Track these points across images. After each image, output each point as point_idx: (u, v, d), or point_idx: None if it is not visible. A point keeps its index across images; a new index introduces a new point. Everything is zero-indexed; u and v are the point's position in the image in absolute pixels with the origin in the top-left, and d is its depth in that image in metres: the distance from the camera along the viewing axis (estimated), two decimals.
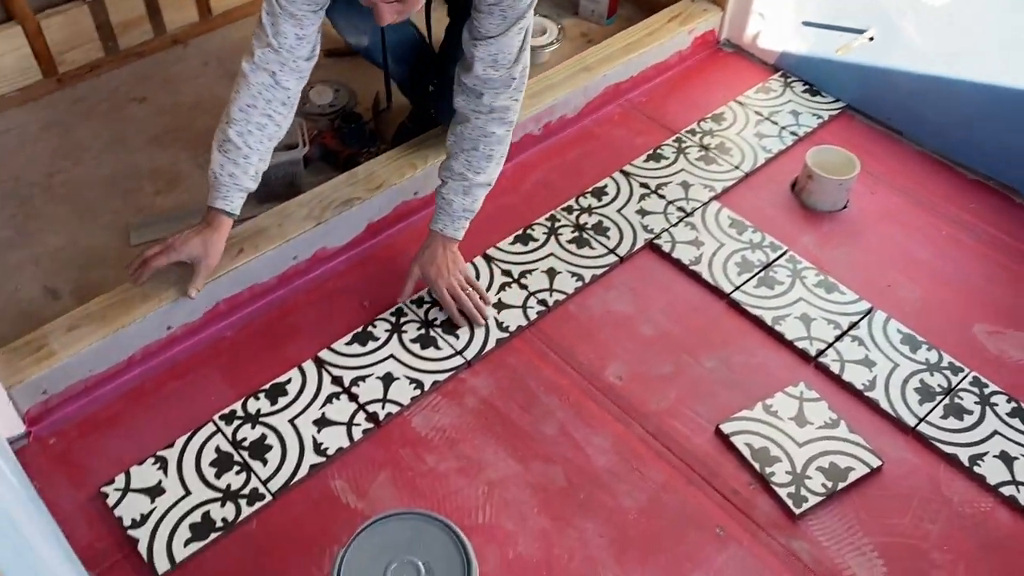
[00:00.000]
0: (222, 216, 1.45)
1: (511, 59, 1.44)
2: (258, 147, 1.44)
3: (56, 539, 1.13)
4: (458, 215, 1.55)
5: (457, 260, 1.59)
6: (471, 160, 1.51)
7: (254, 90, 1.41)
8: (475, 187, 1.53)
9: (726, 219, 1.78)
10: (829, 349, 1.56)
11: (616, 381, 1.52)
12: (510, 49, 1.43)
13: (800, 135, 1.98)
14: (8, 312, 1.57)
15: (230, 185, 1.44)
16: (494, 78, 1.45)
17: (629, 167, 1.89)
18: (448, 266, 1.57)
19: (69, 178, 1.81)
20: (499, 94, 1.46)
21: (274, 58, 1.40)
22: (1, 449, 1.24)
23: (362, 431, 1.42)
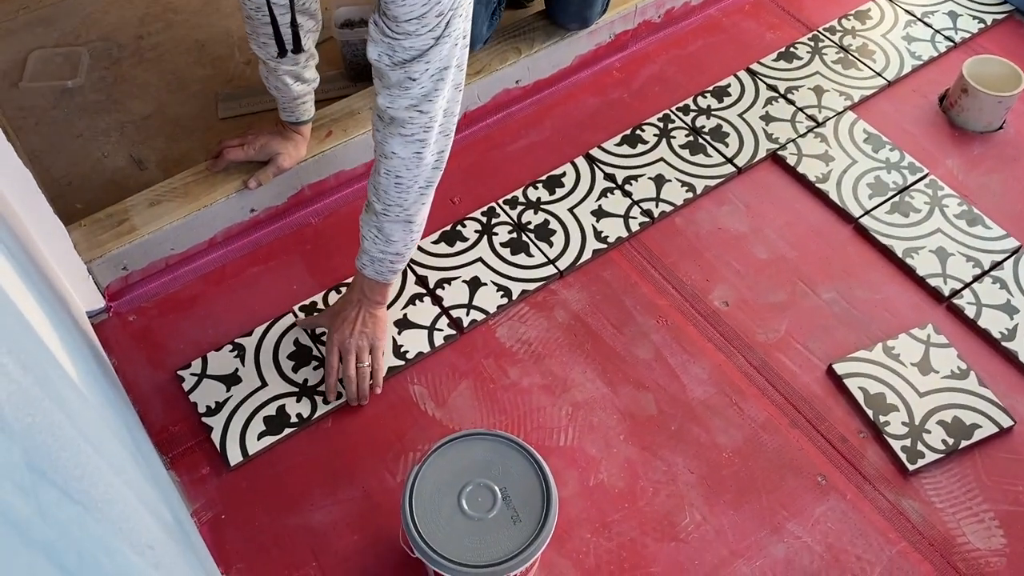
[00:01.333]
0: (293, 126, 1.38)
1: (410, 52, 1.01)
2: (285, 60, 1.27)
3: (124, 417, 1.10)
4: (377, 257, 1.21)
5: (375, 323, 1.26)
6: (377, 186, 1.16)
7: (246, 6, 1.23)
8: (387, 224, 1.18)
9: (861, 133, 1.59)
10: (965, 290, 1.39)
11: (721, 306, 1.39)
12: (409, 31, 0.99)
13: (956, 41, 1.74)
14: (94, 180, 1.52)
15: (283, 99, 1.35)
16: (384, 70, 1.04)
17: (756, 66, 1.70)
18: (356, 325, 1.25)
19: (158, 42, 1.73)
20: (392, 96, 1.06)
21: None
22: (78, 322, 1.21)
23: (444, 337, 1.34)
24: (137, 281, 1.38)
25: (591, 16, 1.60)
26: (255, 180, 1.39)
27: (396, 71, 1.03)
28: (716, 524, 1.18)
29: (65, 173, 1.53)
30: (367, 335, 1.26)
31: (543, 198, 1.51)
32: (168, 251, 1.38)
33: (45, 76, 1.65)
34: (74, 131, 1.59)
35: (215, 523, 1.18)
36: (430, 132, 1.10)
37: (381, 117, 1.11)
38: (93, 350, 1.20)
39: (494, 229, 1.47)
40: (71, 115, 1.61)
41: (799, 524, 1.18)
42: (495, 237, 1.46)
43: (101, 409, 0.87)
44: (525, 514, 1.01)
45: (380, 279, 1.24)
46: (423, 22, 0.99)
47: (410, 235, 1.20)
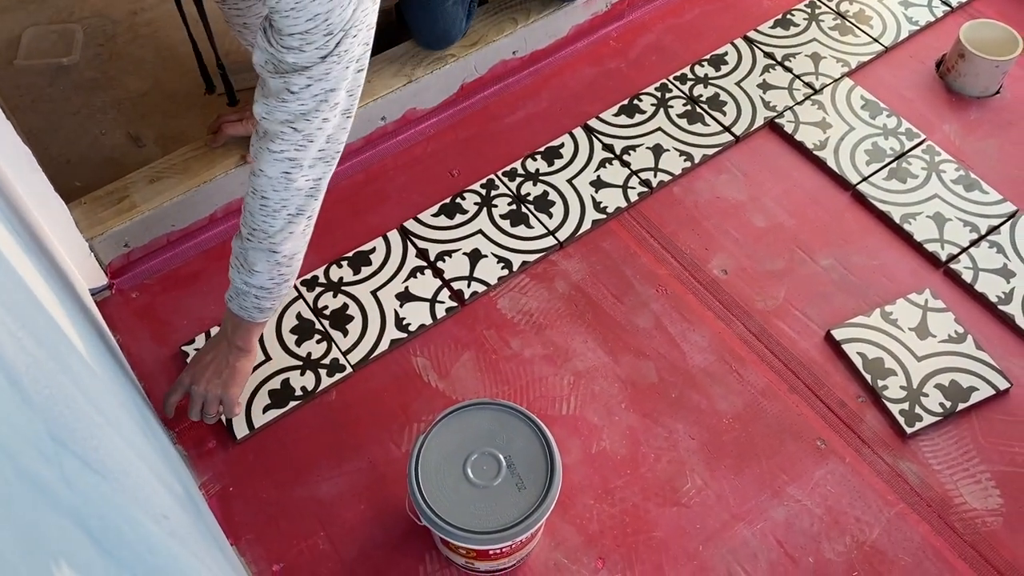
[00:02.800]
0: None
1: (292, 66, 0.94)
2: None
3: (131, 392, 1.12)
4: (241, 289, 1.11)
5: (231, 374, 1.17)
6: (245, 206, 1.07)
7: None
8: (251, 251, 1.08)
9: (859, 99, 1.59)
10: (962, 255, 1.40)
11: (720, 275, 1.40)
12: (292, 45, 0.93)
13: (953, 6, 1.73)
14: (92, 158, 1.52)
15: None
16: (265, 77, 0.98)
17: (753, 33, 1.70)
18: (209, 371, 1.17)
19: (153, 17, 1.73)
20: (269, 107, 0.98)
21: None
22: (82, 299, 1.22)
23: (445, 309, 1.35)
24: (139, 258, 1.39)
25: None
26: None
27: (276, 79, 0.96)
28: (717, 489, 1.20)
29: (63, 151, 1.53)
30: (219, 384, 1.17)
31: (542, 169, 1.51)
32: (169, 227, 1.38)
33: (40, 54, 1.65)
34: (71, 109, 1.58)
35: (223, 495, 1.19)
36: (304, 152, 1.01)
37: (257, 130, 1.03)
38: (98, 327, 1.21)
39: (493, 201, 1.47)
40: (67, 93, 1.61)
41: (799, 487, 1.20)
42: (495, 209, 1.46)
43: (109, 383, 0.88)
44: (530, 481, 1.02)
45: (244, 316, 1.13)
46: (308, 39, 0.92)
47: (276, 268, 1.09)
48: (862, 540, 1.16)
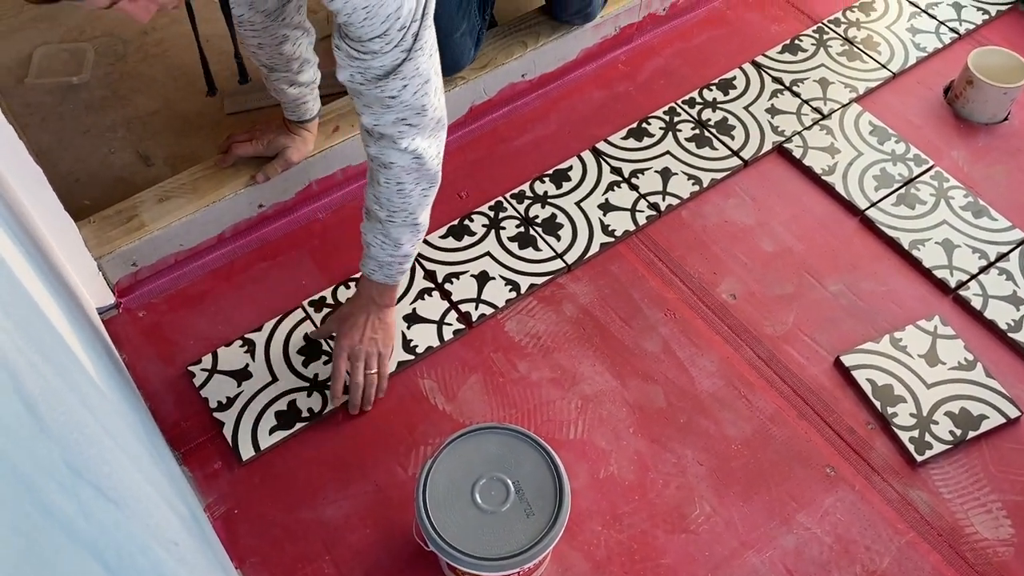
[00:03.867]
0: (298, 123, 1.39)
1: (382, 69, 0.99)
2: (276, 66, 1.28)
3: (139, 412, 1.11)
4: (386, 261, 1.20)
5: (384, 329, 1.25)
6: (379, 195, 1.14)
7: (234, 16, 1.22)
8: (394, 229, 1.16)
9: (867, 125, 1.59)
10: (971, 281, 1.40)
11: (728, 299, 1.40)
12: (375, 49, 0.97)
13: (961, 33, 1.74)
14: (101, 176, 1.52)
15: (284, 99, 1.35)
16: (359, 89, 1.02)
17: (762, 58, 1.70)
18: (365, 331, 1.24)
19: (163, 37, 1.73)
20: (376, 115, 1.04)
21: None
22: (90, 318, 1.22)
23: (453, 331, 1.35)
24: (146, 277, 1.39)
25: (593, 11, 1.60)
26: (263, 174, 1.39)
27: (370, 89, 1.00)
28: (726, 516, 1.19)
29: (72, 169, 1.53)
30: (376, 341, 1.25)
31: (550, 192, 1.51)
32: (177, 247, 1.38)
33: (51, 72, 1.65)
34: (80, 127, 1.59)
35: (228, 518, 1.19)
36: (427, 139, 1.08)
37: (370, 133, 1.08)
38: (105, 346, 1.21)
39: (501, 223, 1.47)
40: (77, 111, 1.61)
41: (808, 515, 1.19)
42: (503, 231, 1.46)
43: (118, 404, 0.88)
44: (538, 507, 1.01)
45: (389, 282, 1.23)
46: (387, 39, 0.95)
47: (417, 235, 1.19)
48: (872, 569, 1.15)
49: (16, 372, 0.44)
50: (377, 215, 1.16)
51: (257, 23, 1.22)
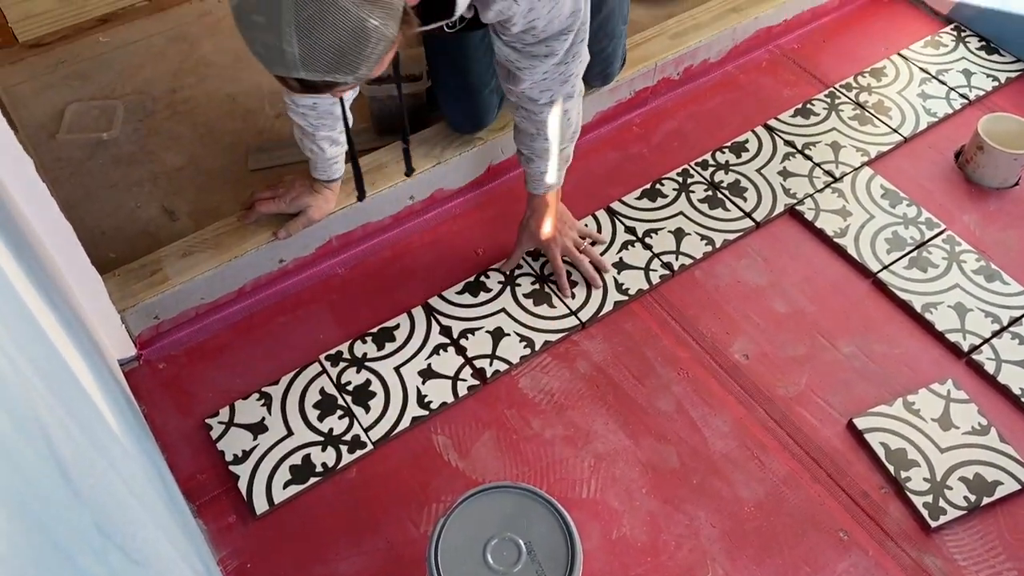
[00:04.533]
0: (324, 182, 1.42)
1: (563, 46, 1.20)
2: (321, 126, 1.33)
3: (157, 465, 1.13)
4: (559, 174, 1.41)
5: (566, 217, 1.50)
6: (548, 135, 1.33)
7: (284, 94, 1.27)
8: (566, 150, 1.39)
9: (879, 188, 1.61)
10: (984, 345, 1.40)
11: (741, 359, 1.41)
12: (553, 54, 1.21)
13: (971, 98, 1.77)
14: (127, 230, 1.56)
15: (316, 159, 1.38)
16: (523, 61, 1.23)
17: (774, 121, 1.74)
18: (560, 228, 1.47)
19: (191, 95, 1.79)
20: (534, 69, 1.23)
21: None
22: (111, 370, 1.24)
23: (467, 387, 1.36)
24: (168, 330, 1.41)
25: (612, 72, 1.64)
26: (284, 231, 1.42)
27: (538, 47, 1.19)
28: None
29: (98, 223, 1.57)
30: (571, 227, 1.49)
31: None
32: (199, 300, 1.41)
33: (81, 128, 1.70)
34: (108, 182, 1.63)
35: (241, 572, 1.19)
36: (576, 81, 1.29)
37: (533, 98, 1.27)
38: (127, 398, 1.23)
39: (517, 280, 1.49)
40: (106, 166, 1.66)
41: None
42: (518, 288, 1.48)
43: (140, 461, 0.90)
44: (550, 569, 1.02)
45: (558, 185, 1.41)
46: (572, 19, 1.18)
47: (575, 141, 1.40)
48: None
49: (50, 436, 0.45)
50: (548, 149, 1.34)
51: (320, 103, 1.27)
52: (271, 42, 0.84)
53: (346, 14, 0.84)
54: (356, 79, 0.90)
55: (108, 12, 1.89)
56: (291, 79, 0.89)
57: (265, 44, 0.85)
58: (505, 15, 1.13)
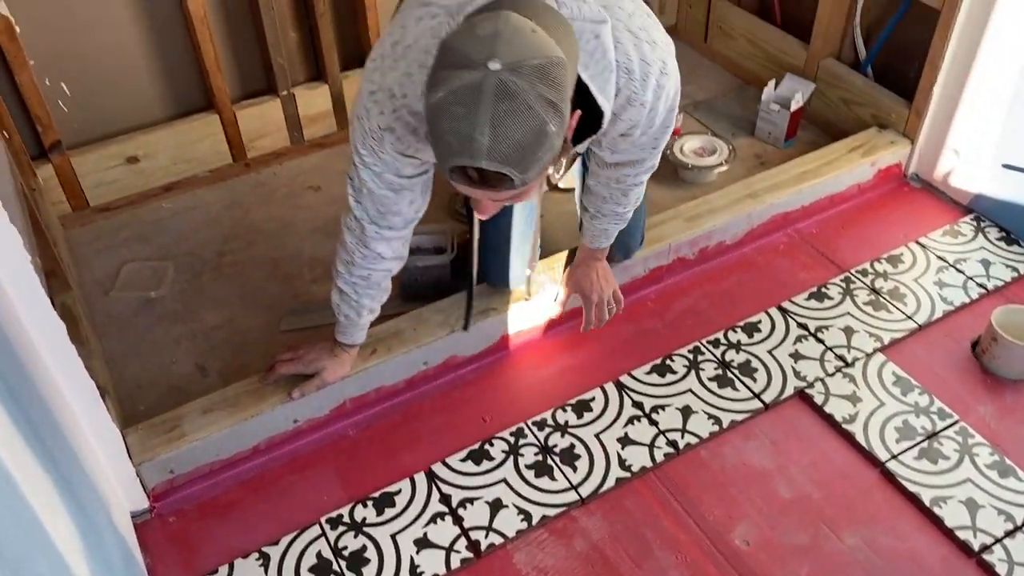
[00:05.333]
0: (346, 346, 1.49)
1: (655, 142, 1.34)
2: (368, 292, 1.41)
3: None
4: (614, 232, 1.54)
5: (607, 272, 1.63)
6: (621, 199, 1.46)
7: (349, 248, 1.35)
8: (631, 210, 1.50)
9: (891, 375, 1.61)
10: (996, 545, 1.35)
11: (742, 545, 1.38)
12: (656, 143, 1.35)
13: (989, 288, 1.78)
14: (159, 384, 1.66)
15: (348, 324, 1.46)
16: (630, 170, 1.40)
17: (788, 303, 1.77)
18: (602, 282, 1.62)
19: (238, 259, 1.92)
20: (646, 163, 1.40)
21: (358, 229, 1.32)
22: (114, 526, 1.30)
23: (460, 560, 1.37)
24: (182, 484, 1.47)
25: (633, 244, 1.71)
26: (298, 391, 1.49)
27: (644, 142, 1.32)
28: None
29: (136, 376, 1.67)
30: (608, 283, 1.63)
31: (571, 421, 1.56)
32: (214, 456, 1.48)
33: (133, 287, 1.85)
34: (151, 338, 1.75)
35: None
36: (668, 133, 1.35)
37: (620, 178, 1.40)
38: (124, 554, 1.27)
39: (520, 450, 1.52)
40: (150, 323, 1.78)
41: None
42: (521, 458, 1.51)
43: None
44: None
45: (609, 243, 1.56)
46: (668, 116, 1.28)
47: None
48: None
49: None
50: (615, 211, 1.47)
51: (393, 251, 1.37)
52: (465, 131, 0.92)
53: (534, 115, 0.92)
54: (522, 180, 0.97)
55: (173, 181, 2.08)
56: (470, 168, 0.96)
57: (458, 133, 0.93)
58: (633, 121, 1.23)
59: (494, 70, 0.91)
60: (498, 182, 0.97)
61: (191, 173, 2.09)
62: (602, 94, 1.14)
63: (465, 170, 0.97)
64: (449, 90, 0.93)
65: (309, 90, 2.15)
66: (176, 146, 2.04)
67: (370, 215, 1.29)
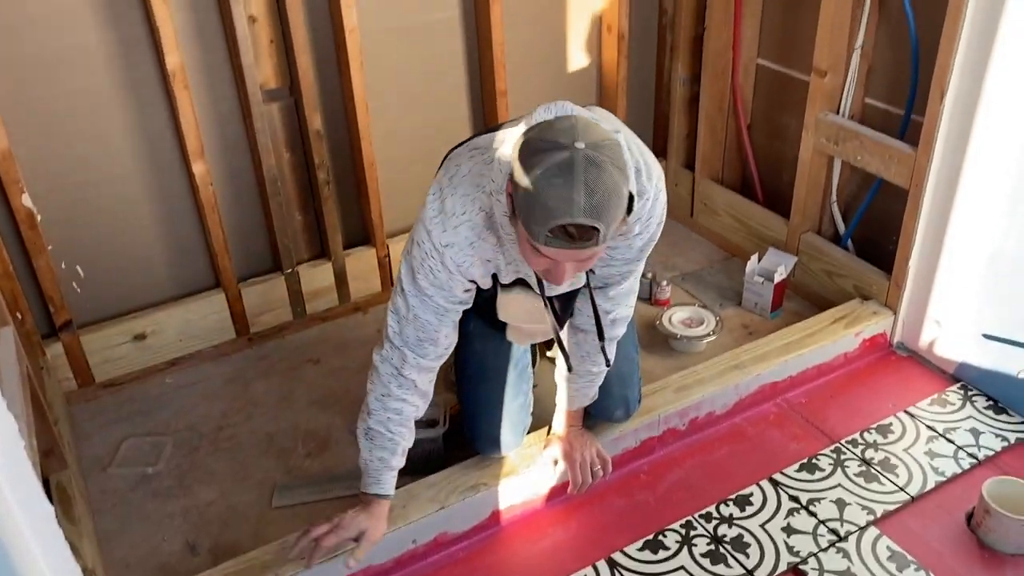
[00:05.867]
0: (378, 499, 1.50)
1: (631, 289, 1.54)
2: (400, 430, 1.48)
3: None
4: (587, 394, 1.66)
5: (588, 434, 1.71)
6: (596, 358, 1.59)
7: (384, 379, 1.46)
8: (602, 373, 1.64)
9: (885, 550, 1.59)
10: None
11: None
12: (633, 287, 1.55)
13: (980, 459, 1.78)
14: (148, 563, 1.65)
15: (381, 469, 1.49)
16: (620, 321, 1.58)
17: (779, 475, 1.77)
18: (583, 442, 1.69)
19: (235, 433, 1.96)
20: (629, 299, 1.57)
21: (397, 356, 1.45)
22: None
23: None
24: None
25: (632, 398, 1.75)
26: (353, 559, 1.47)
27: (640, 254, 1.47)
28: None
29: (126, 554, 1.67)
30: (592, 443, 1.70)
31: None
32: None
33: (130, 462, 1.87)
34: (143, 514, 1.76)
35: None
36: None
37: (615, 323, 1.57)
38: None
39: None
40: (145, 498, 1.79)
41: None
42: None
43: None
44: None
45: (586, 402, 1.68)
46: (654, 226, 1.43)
47: None
48: None
49: None
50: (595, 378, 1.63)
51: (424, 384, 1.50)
52: (566, 195, 1.14)
53: (614, 179, 1.16)
54: (605, 232, 1.18)
55: (178, 356, 2.14)
56: (570, 226, 1.15)
57: (560, 197, 1.14)
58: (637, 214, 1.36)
59: (580, 148, 1.15)
60: (588, 237, 1.18)
61: (196, 348, 2.16)
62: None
63: (565, 228, 1.16)
64: (546, 167, 1.15)
65: (312, 267, 2.25)
66: (183, 322, 2.12)
67: (409, 343, 1.44)
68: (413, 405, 1.49)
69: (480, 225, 1.35)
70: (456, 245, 1.36)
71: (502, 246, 1.38)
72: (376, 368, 1.48)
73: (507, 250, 1.38)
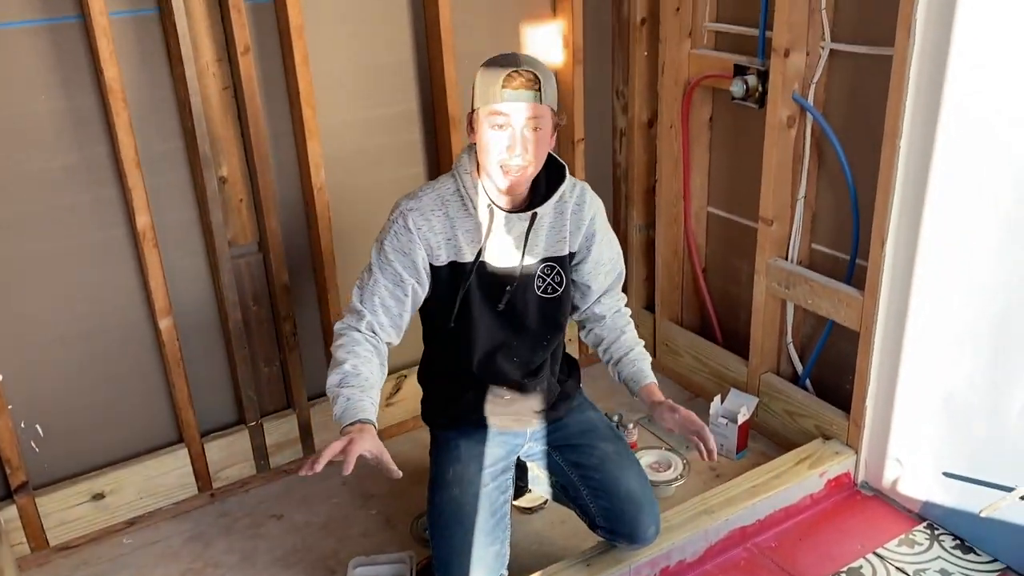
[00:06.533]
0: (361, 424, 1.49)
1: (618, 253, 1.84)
2: (369, 372, 1.56)
3: None
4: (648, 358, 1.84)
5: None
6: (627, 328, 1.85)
7: (343, 333, 1.61)
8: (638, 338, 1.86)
9: None
10: None
11: None
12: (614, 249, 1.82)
13: None
14: None
15: (360, 400, 1.51)
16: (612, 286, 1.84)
17: None
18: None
19: None
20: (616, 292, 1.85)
21: (355, 316, 1.62)
22: None
23: None
24: None
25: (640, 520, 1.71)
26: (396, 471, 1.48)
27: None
28: None
29: None
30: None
31: None
32: None
33: None
34: None
35: None
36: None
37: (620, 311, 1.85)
38: None
39: None
40: None
41: None
42: None
43: None
44: None
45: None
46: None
47: None
48: None
49: None
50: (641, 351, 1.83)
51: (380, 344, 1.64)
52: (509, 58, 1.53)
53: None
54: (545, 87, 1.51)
55: (136, 515, 2.09)
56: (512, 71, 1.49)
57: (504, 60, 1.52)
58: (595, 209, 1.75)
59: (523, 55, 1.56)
60: (532, 85, 1.49)
61: (156, 506, 2.11)
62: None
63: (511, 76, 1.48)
64: (492, 58, 1.55)
65: (277, 418, 2.23)
66: (143, 480, 2.08)
67: (367, 306, 1.61)
68: (371, 346, 1.60)
69: (446, 195, 1.63)
70: (419, 210, 1.62)
71: (468, 215, 1.62)
72: (336, 332, 1.63)
73: (468, 222, 1.63)
